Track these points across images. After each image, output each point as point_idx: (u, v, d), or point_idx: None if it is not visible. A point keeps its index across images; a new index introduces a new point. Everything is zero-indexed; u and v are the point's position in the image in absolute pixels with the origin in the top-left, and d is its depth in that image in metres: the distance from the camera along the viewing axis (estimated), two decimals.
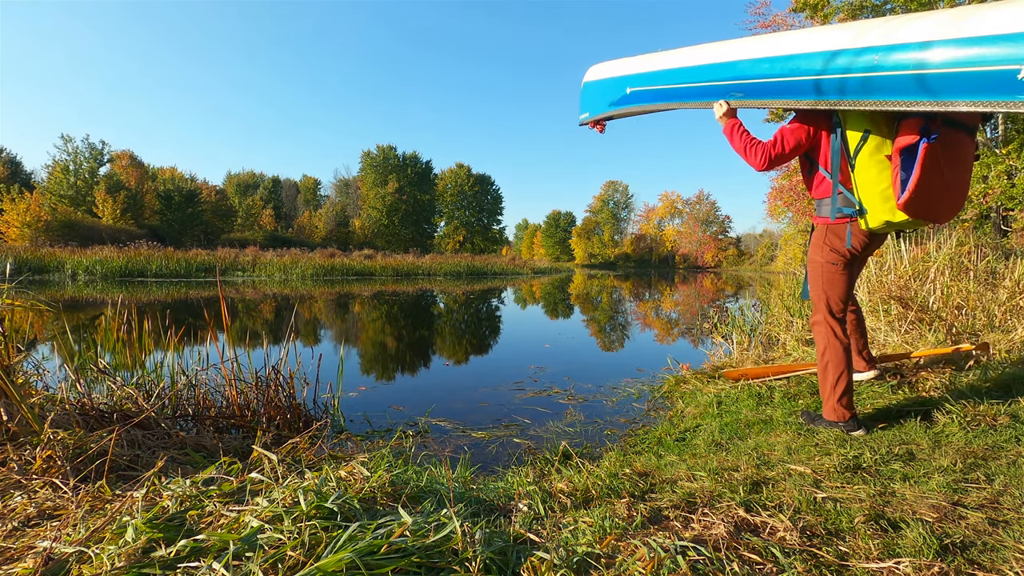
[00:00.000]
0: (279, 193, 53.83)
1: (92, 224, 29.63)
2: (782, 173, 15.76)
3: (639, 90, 2.68)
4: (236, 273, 19.32)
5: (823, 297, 2.24)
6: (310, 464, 1.87)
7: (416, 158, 53.23)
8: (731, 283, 23.50)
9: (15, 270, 14.41)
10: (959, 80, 1.59)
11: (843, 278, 2.22)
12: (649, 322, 9.22)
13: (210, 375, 2.80)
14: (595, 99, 2.96)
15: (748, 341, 4.79)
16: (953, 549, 1.21)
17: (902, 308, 3.99)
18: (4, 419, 1.83)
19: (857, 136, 2.02)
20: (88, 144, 36.37)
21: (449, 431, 3.02)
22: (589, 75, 3.05)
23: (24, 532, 1.32)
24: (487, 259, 32.85)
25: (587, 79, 3.05)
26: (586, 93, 3.04)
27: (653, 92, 2.62)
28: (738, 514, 1.39)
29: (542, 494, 1.58)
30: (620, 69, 2.82)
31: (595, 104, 2.96)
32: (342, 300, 12.02)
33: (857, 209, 2.07)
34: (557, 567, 1.12)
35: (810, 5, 9.77)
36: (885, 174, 1.97)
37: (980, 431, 2.04)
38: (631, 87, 2.71)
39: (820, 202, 2.23)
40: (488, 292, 16.04)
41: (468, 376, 4.67)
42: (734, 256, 60.67)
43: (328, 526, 1.19)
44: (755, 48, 2.21)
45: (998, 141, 9.32)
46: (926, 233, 5.47)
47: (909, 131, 1.84)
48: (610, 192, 66.71)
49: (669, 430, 2.80)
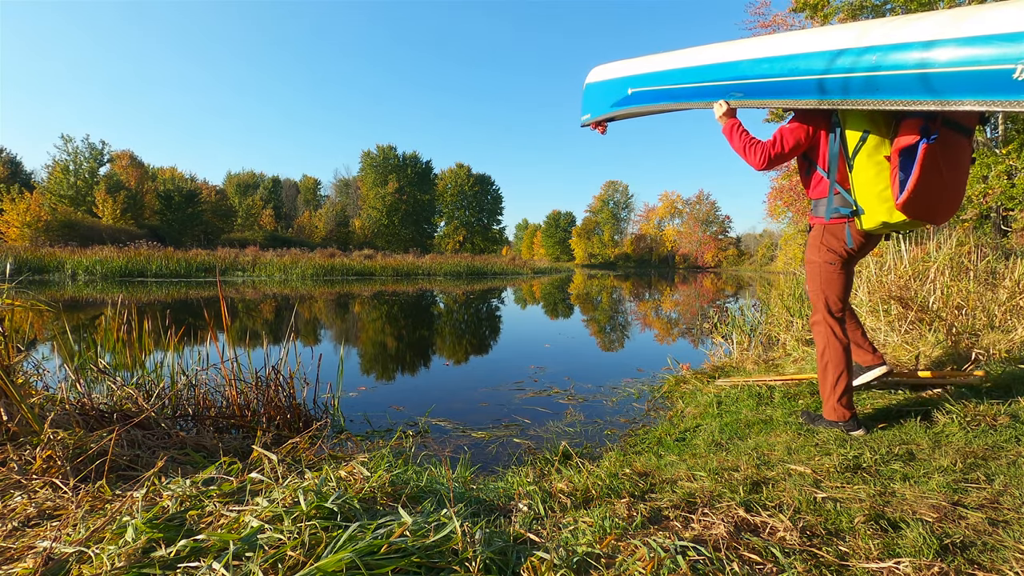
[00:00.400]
0: (279, 193, 53.83)
1: (92, 224, 29.63)
2: (782, 173, 15.76)
3: (640, 90, 2.68)
4: (236, 273, 19.32)
5: (822, 297, 2.25)
6: (310, 464, 1.87)
7: (416, 158, 53.22)
8: (731, 283, 23.50)
9: (15, 270, 14.41)
10: (959, 80, 1.61)
11: (841, 278, 2.23)
12: (649, 322, 9.22)
13: (210, 375, 2.80)
14: (597, 100, 2.97)
15: (748, 341, 4.79)
16: (953, 549, 1.21)
17: (902, 308, 3.99)
18: (4, 419, 1.82)
19: (856, 136, 2.01)
20: (88, 144, 36.38)
21: (449, 431, 3.02)
22: (591, 76, 3.05)
23: (24, 532, 1.32)
24: (487, 259, 32.84)
25: (589, 80, 3.06)
26: (588, 94, 3.04)
27: (654, 92, 2.63)
28: (738, 514, 1.39)
29: (542, 494, 1.58)
30: (622, 70, 2.82)
31: (597, 105, 2.96)
32: (342, 300, 12.02)
33: (854, 209, 2.08)
34: (557, 567, 1.12)
35: (810, 5, 9.77)
36: (883, 175, 1.97)
37: (980, 431, 2.04)
38: (633, 88, 2.72)
39: (817, 202, 2.23)
40: (488, 292, 16.04)
41: (468, 376, 4.67)
42: (734, 256, 60.65)
43: (328, 526, 1.19)
44: (756, 49, 2.22)
45: (998, 141, 9.32)
46: (926, 233, 5.47)
47: (908, 132, 1.85)
48: (610, 192, 66.72)
49: (669, 430, 2.80)
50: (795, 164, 2.41)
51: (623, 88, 2.76)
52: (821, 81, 1.94)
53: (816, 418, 2.33)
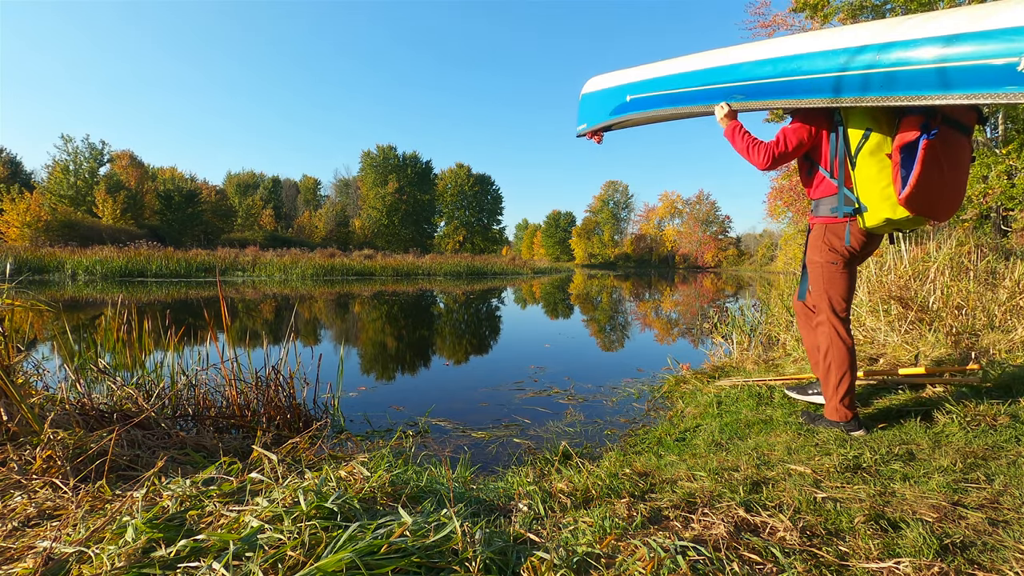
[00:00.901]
0: (279, 193, 53.82)
1: (92, 224, 29.62)
2: (782, 173, 15.75)
3: (639, 97, 2.70)
4: (236, 273, 19.32)
5: (825, 297, 2.24)
6: (310, 464, 1.87)
7: (416, 158, 53.21)
8: (731, 283, 23.49)
9: (15, 270, 14.41)
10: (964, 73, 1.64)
11: (844, 277, 2.22)
12: (649, 322, 9.22)
13: (210, 375, 2.80)
14: (593, 109, 2.99)
15: (748, 341, 4.79)
16: (953, 549, 1.21)
17: (902, 308, 3.99)
18: (4, 419, 1.82)
19: (859, 134, 2.03)
20: (88, 144, 36.36)
21: (449, 431, 3.02)
22: (588, 87, 3.08)
23: (24, 532, 1.32)
24: (487, 259, 32.83)
25: (585, 91, 3.08)
26: (584, 104, 3.07)
27: (654, 98, 2.64)
28: (738, 514, 1.39)
29: (542, 494, 1.58)
30: (619, 79, 2.85)
31: (593, 114, 2.99)
32: (342, 300, 12.02)
33: (856, 208, 2.09)
34: (557, 567, 1.12)
35: (810, 5, 9.77)
36: (885, 172, 1.99)
37: (980, 431, 2.04)
38: (632, 94, 2.73)
39: (819, 202, 2.23)
40: (488, 292, 16.04)
41: (468, 376, 4.66)
42: (734, 256, 60.64)
43: (328, 526, 1.19)
44: (757, 51, 2.24)
45: (998, 141, 9.32)
46: (926, 233, 5.47)
47: (909, 128, 1.87)
48: (610, 192, 66.72)
49: (669, 430, 2.80)
50: (795, 165, 2.41)
51: (621, 95, 2.78)
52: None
53: (817, 418, 2.33)
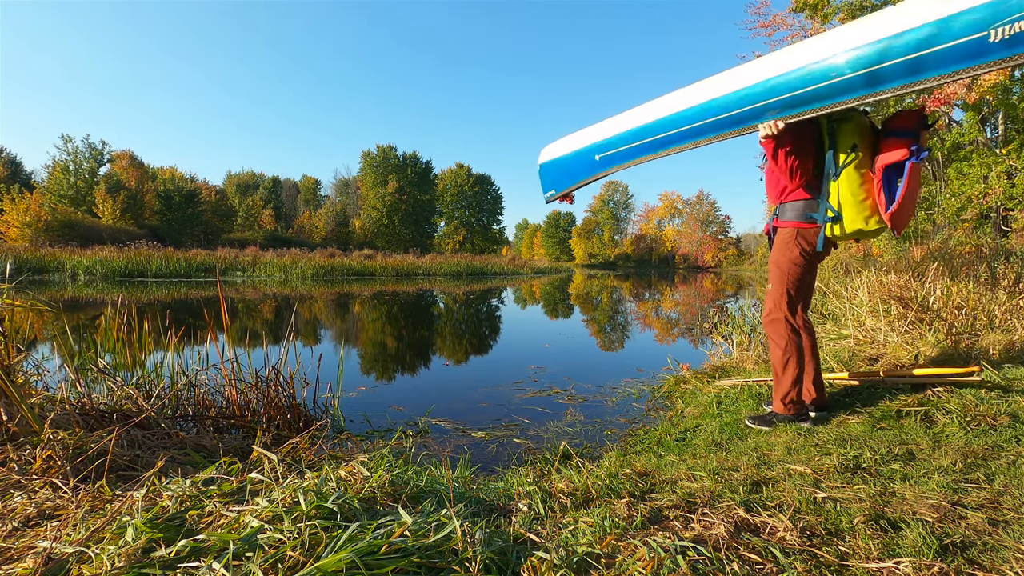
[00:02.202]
0: (279, 193, 53.82)
1: (92, 224, 29.61)
2: None
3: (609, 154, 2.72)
4: (236, 273, 19.32)
5: (786, 296, 2.36)
6: (310, 464, 1.87)
7: (416, 158, 53.19)
8: (731, 283, 23.49)
9: (15, 270, 14.41)
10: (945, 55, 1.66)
11: (807, 277, 2.37)
12: (649, 322, 9.22)
13: (210, 375, 2.80)
14: (558, 175, 3.06)
15: (748, 341, 4.78)
16: (953, 549, 1.21)
17: (902, 308, 3.99)
18: (4, 419, 1.83)
19: (847, 149, 2.14)
20: (88, 144, 36.36)
21: (449, 431, 3.01)
22: (544, 156, 3.15)
23: (24, 532, 1.32)
24: (487, 259, 32.82)
25: (543, 160, 3.15)
26: (545, 172, 3.14)
27: (626, 151, 2.65)
28: (738, 514, 1.39)
29: (542, 494, 1.58)
30: (579, 142, 2.89)
31: (559, 180, 3.06)
32: (342, 300, 12.02)
33: (834, 217, 2.18)
34: (557, 567, 1.12)
35: (810, 5, 9.76)
36: (866, 187, 2.10)
37: (980, 431, 2.04)
38: (601, 153, 2.77)
39: (786, 206, 2.33)
40: (488, 292, 16.04)
41: (468, 376, 4.66)
42: (734, 256, 60.61)
43: (328, 526, 1.19)
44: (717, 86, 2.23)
45: (998, 141, 9.32)
46: (926, 233, 5.48)
47: (893, 148, 1.99)
48: (610, 192, 66.71)
49: (669, 430, 2.80)
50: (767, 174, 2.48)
51: (589, 156, 2.82)
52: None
53: (767, 418, 2.42)
